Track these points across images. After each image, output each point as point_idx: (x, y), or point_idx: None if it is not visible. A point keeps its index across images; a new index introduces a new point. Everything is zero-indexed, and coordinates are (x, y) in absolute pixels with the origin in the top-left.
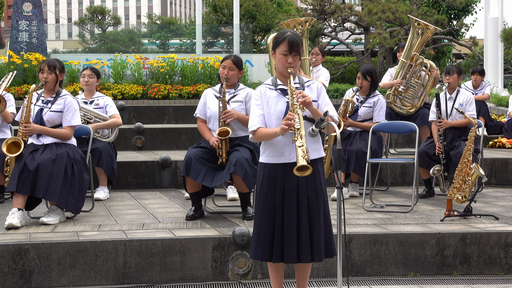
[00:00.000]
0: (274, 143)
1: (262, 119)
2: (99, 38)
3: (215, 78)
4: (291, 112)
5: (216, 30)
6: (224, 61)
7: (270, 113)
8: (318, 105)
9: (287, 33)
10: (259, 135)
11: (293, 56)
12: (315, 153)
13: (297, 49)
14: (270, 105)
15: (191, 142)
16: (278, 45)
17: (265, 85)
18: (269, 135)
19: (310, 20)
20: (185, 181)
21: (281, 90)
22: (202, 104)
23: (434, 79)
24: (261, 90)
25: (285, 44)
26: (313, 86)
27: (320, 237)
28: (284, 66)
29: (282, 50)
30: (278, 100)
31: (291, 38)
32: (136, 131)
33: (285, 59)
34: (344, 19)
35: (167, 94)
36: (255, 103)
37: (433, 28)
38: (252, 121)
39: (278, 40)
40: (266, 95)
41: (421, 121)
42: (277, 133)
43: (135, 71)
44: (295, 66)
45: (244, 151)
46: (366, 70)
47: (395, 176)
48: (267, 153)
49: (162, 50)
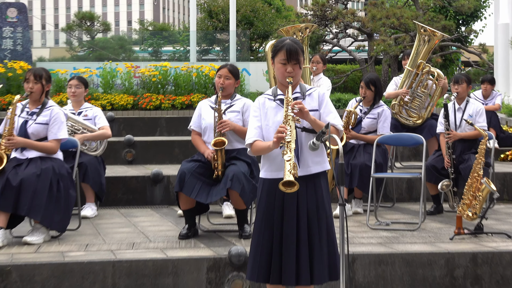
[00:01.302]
0: (271, 157)
1: (259, 132)
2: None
3: (210, 87)
4: (283, 124)
5: (211, 37)
6: (220, 70)
7: (268, 125)
8: (320, 115)
9: (285, 41)
10: (255, 149)
11: (292, 65)
12: (318, 166)
13: (296, 58)
14: (268, 117)
15: (185, 155)
16: (277, 54)
17: (265, 96)
18: (264, 149)
19: (311, 27)
20: (179, 197)
21: (280, 100)
22: (197, 116)
23: (441, 89)
24: (259, 101)
25: (283, 53)
26: (314, 94)
27: (321, 258)
28: (283, 76)
29: (280, 59)
30: (277, 111)
31: (289, 46)
32: (126, 144)
33: (284, 68)
34: (346, 25)
35: (159, 104)
36: (253, 114)
37: (440, 34)
38: (249, 134)
39: (276, 48)
40: (264, 106)
41: (429, 133)
42: (270, 147)
43: (126, 80)
44: (295, 75)
45: (241, 164)
46: (369, 79)
47: (401, 191)
48: (266, 167)
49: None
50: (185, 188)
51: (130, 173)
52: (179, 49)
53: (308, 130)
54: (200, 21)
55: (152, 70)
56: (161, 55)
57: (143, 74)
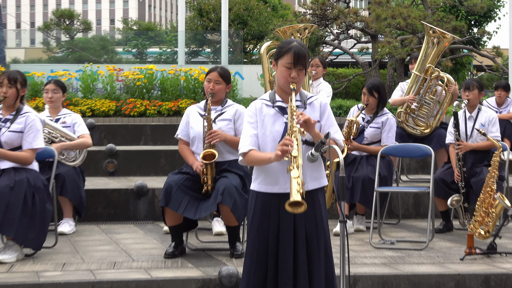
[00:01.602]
0: (267, 169)
1: (255, 140)
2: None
3: (199, 92)
4: (288, 136)
5: (201, 37)
6: (210, 74)
7: (265, 134)
8: (321, 126)
9: (292, 43)
10: (250, 159)
11: (298, 70)
12: (315, 182)
13: (303, 63)
14: (265, 125)
15: (172, 167)
16: (282, 56)
17: (262, 100)
18: (262, 161)
19: (310, 27)
20: (164, 212)
21: (279, 108)
22: (185, 124)
23: (451, 95)
24: (256, 106)
25: (290, 56)
26: (316, 103)
27: (320, 279)
28: (286, 81)
29: (286, 62)
30: (276, 119)
31: (297, 49)
32: (107, 154)
33: (288, 72)
34: (348, 26)
35: (144, 111)
36: (248, 120)
37: (451, 36)
38: (243, 142)
39: (282, 50)
40: (261, 112)
41: (437, 144)
42: (271, 160)
43: (108, 84)
44: (299, 81)
45: (233, 177)
46: (373, 84)
47: (407, 207)
48: (259, 179)
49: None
50: (171, 202)
51: (112, 186)
52: (166, 51)
53: (309, 143)
54: (189, 20)
55: (137, 74)
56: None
57: (126, 78)
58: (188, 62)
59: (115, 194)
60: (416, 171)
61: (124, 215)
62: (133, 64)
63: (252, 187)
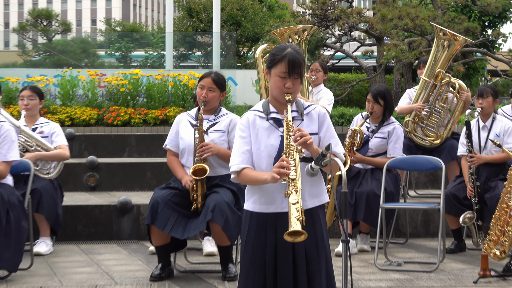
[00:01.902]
0: (263, 188)
1: (248, 157)
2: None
3: (189, 100)
4: (285, 156)
5: (191, 39)
6: (203, 80)
7: (259, 149)
8: (319, 139)
9: (286, 49)
10: (244, 178)
11: (293, 79)
12: (315, 199)
13: (299, 71)
14: (259, 139)
15: (158, 181)
16: (275, 65)
17: (254, 112)
18: (257, 181)
19: (309, 29)
20: (150, 231)
21: (274, 120)
22: (174, 133)
23: (464, 103)
24: (248, 118)
25: (285, 64)
26: (314, 113)
27: None
28: (280, 91)
29: (279, 71)
30: (270, 133)
31: (292, 57)
32: (88, 167)
33: (283, 82)
34: (351, 27)
35: (128, 119)
36: (240, 134)
37: (463, 39)
38: (235, 159)
39: (275, 58)
40: (255, 125)
41: (448, 156)
42: (267, 181)
43: (89, 91)
44: (294, 91)
45: (224, 193)
46: (378, 91)
47: (415, 225)
48: (254, 198)
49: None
50: (158, 220)
51: (93, 202)
52: (153, 54)
53: (307, 160)
54: (177, 20)
55: (120, 79)
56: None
57: (109, 84)
58: (176, 66)
59: (97, 210)
60: (425, 186)
61: (106, 233)
62: (117, 68)
63: (246, 206)
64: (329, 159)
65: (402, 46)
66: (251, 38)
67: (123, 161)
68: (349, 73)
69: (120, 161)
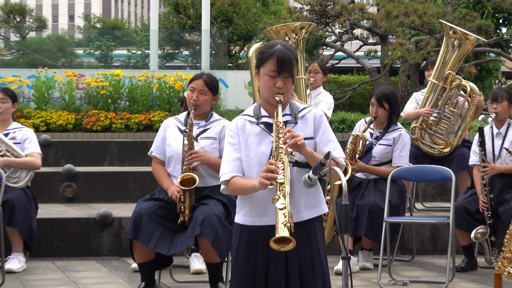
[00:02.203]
0: (254, 198)
1: (238, 165)
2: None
3: (175, 103)
4: (274, 159)
5: (177, 37)
6: (194, 81)
7: (249, 157)
8: (315, 144)
9: (275, 46)
10: (233, 187)
11: (283, 78)
12: (311, 210)
13: (289, 69)
14: (249, 146)
15: (142, 192)
16: (264, 63)
17: (244, 117)
18: (246, 189)
19: (307, 26)
20: (133, 246)
21: (265, 124)
22: (161, 139)
23: (476, 108)
24: (238, 124)
25: (273, 62)
26: (309, 116)
27: None
28: (271, 92)
29: (268, 69)
30: (261, 139)
31: (281, 54)
32: (65, 176)
33: (273, 82)
34: (353, 24)
35: (109, 125)
36: (229, 141)
37: (475, 37)
38: (224, 167)
39: (263, 56)
40: (244, 131)
41: (459, 166)
42: (256, 188)
43: (66, 93)
44: (286, 92)
45: (214, 205)
46: (383, 94)
47: (423, 241)
48: (245, 210)
49: (103, 64)
50: (141, 235)
51: (70, 214)
52: (136, 53)
53: (301, 165)
54: (163, 17)
55: (100, 80)
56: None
57: (88, 85)
58: (162, 67)
59: (74, 224)
60: (433, 198)
61: (85, 249)
62: (96, 69)
63: (236, 219)
64: (329, 168)
65: (408, 45)
66: (244, 36)
67: (103, 170)
68: (350, 75)
69: (99, 170)
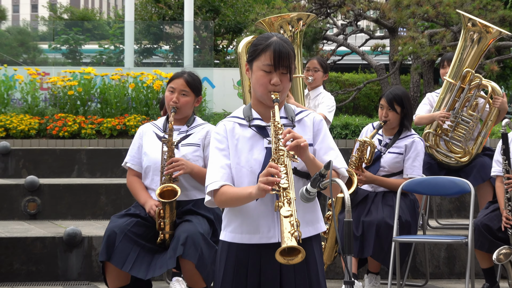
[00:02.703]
0: (244, 212)
1: (228, 173)
2: None
3: (154, 106)
4: (274, 161)
5: (156, 30)
6: (173, 81)
7: (239, 164)
8: (314, 152)
9: (271, 38)
10: (222, 198)
11: (280, 74)
12: (309, 227)
13: (287, 64)
14: (239, 151)
15: (116, 207)
16: (258, 56)
17: (234, 119)
18: (239, 199)
19: (306, 17)
20: (106, 269)
21: (258, 127)
22: (136, 148)
23: (498, 111)
24: (226, 127)
25: (269, 55)
26: (307, 120)
27: None
28: (265, 90)
29: (263, 63)
30: (253, 143)
31: (278, 46)
32: (27, 190)
33: (268, 78)
34: (358, 15)
35: (77, 130)
36: (217, 146)
37: (497, 30)
38: (212, 175)
39: (257, 48)
40: (234, 135)
41: (479, 177)
42: (252, 196)
43: (28, 94)
44: (283, 90)
45: (199, 222)
46: (394, 95)
47: (437, 263)
48: (233, 226)
49: (70, 60)
50: (115, 256)
51: (33, 233)
52: (109, 48)
53: (299, 174)
54: (140, 6)
55: (68, 79)
56: (81, 57)
57: (54, 85)
58: (138, 64)
59: (38, 244)
60: (450, 214)
61: (50, 273)
62: (63, 66)
63: (223, 236)
64: (329, 179)
65: (421, 39)
66: (232, 28)
67: (71, 182)
68: (355, 73)
69: (67, 182)
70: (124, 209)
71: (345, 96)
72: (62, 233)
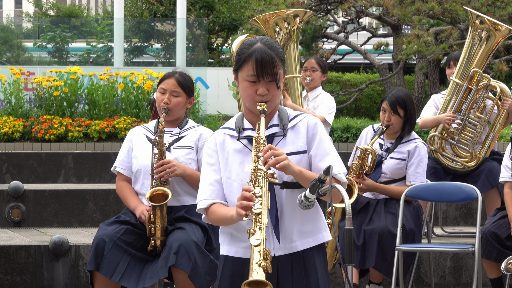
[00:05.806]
0: (238, 227)
1: (218, 189)
2: None
3: (144, 107)
4: (252, 182)
5: (147, 27)
6: (164, 82)
7: (230, 178)
8: (310, 158)
9: (254, 45)
10: (212, 217)
11: (265, 83)
12: (308, 239)
13: (272, 71)
14: (230, 165)
15: (104, 214)
16: (241, 67)
17: (224, 131)
18: (225, 220)
19: (303, 14)
20: (94, 279)
21: (249, 139)
22: (126, 152)
23: (507, 113)
24: (216, 140)
25: (251, 65)
26: (301, 125)
27: None
28: (252, 100)
29: (247, 74)
30: (244, 156)
31: (260, 54)
32: (11, 196)
33: (253, 88)
34: (359, 12)
35: (64, 133)
36: (207, 161)
37: (506, 28)
38: (201, 193)
39: (240, 58)
40: (224, 148)
41: (487, 182)
42: (234, 219)
43: (12, 95)
44: (271, 98)
45: (192, 229)
46: (397, 97)
47: (443, 273)
48: (228, 240)
49: (57, 60)
50: (104, 266)
51: (17, 242)
52: (97, 47)
53: (291, 185)
54: (130, 2)
55: (54, 79)
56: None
57: (39, 85)
58: (128, 63)
59: (22, 253)
60: (456, 222)
61: (35, 283)
62: (49, 65)
63: (221, 250)
64: (329, 186)
65: (426, 37)
66: (227, 26)
67: (57, 188)
68: (356, 73)
69: (53, 188)
70: (113, 216)
71: (346, 97)
72: (48, 242)
